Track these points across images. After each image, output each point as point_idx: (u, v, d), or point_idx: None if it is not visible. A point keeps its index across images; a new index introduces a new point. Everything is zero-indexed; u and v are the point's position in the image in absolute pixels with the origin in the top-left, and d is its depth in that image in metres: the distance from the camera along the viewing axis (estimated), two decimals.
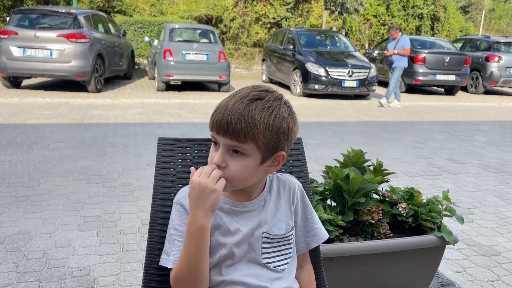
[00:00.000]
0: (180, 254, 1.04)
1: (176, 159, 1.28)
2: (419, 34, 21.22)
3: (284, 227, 1.15)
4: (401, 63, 9.53)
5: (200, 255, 1.01)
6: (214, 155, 1.04)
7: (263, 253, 1.12)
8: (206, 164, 1.06)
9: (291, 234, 1.17)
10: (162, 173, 1.25)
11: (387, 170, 2.26)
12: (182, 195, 1.12)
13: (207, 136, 1.30)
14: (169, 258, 1.07)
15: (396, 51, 9.42)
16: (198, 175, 1.00)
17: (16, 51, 8.44)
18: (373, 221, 2.01)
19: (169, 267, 1.07)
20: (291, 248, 1.17)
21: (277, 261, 1.13)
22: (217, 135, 1.03)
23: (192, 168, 1.04)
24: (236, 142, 1.01)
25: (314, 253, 1.30)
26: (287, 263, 1.15)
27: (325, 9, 17.67)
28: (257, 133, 1.00)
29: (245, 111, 1.00)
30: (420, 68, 11.76)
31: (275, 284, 1.11)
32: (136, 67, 14.26)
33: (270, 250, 1.13)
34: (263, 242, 1.12)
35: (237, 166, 1.03)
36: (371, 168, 2.25)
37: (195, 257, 1.01)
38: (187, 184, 1.16)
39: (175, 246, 1.07)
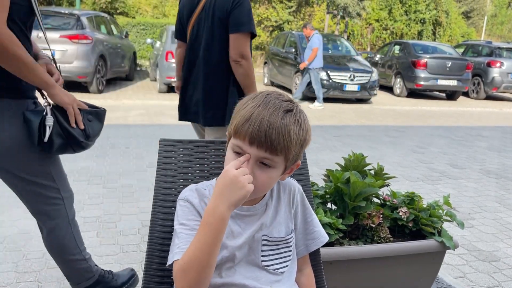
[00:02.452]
0: (190, 244, 0.98)
1: (178, 160, 1.28)
2: (421, 39, 21.26)
3: (284, 230, 1.15)
4: (314, 64, 9.25)
5: (213, 248, 0.96)
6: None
7: (262, 256, 1.12)
8: (209, 166, 1.06)
9: (291, 237, 1.16)
10: (164, 174, 1.25)
11: (388, 174, 2.26)
12: (189, 194, 1.10)
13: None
14: (174, 251, 1.02)
15: (307, 63, 9.18)
16: (234, 167, 0.97)
17: None
18: (373, 225, 2.01)
19: (175, 259, 1.00)
20: (290, 251, 1.16)
21: (276, 263, 1.13)
22: (248, 146, 0.99)
23: None
24: (269, 154, 0.99)
25: (314, 256, 1.30)
26: (286, 266, 1.15)
27: (327, 13, 17.72)
28: (291, 146, 1.00)
29: (282, 125, 0.99)
30: (421, 73, 11.77)
31: (275, 287, 1.11)
32: (138, 68, 14.29)
33: (270, 252, 1.13)
34: (263, 245, 1.12)
35: (264, 178, 1.02)
36: (372, 172, 2.25)
37: (208, 249, 0.96)
38: (188, 185, 1.16)
39: (181, 238, 1.02)
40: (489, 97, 13.17)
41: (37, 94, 1.72)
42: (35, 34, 7.64)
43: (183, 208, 1.08)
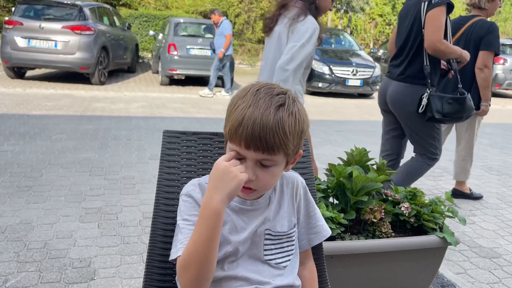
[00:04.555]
0: (189, 240, 0.99)
1: (181, 152, 1.27)
2: None
3: (287, 224, 1.14)
4: (226, 51, 9.02)
5: (210, 242, 0.95)
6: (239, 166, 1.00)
7: (265, 250, 1.11)
8: (212, 158, 1.05)
9: (294, 231, 1.16)
10: (167, 166, 1.25)
11: (390, 169, 2.25)
12: (192, 189, 1.09)
13: (210, 130, 1.30)
14: (177, 247, 1.02)
15: (223, 50, 8.89)
16: (225, 160, 0.98)
17: (20, 42, 8.44)
18: (375, 220, 2.00)
19: (179, 254, 1.00)
20: (293, 245, 1.16)
21: (278, 258, 1.13)
22: (245, 150, 0.98)
23: None
24: (268, 155, 0.98)
25: (317, 250, 1.29)
26: (288, 260, 1.14)
27: None
28: (288, 143, 0.98)
29: (275, 123, 0.96)
30: None
31: (277, 281, 1.11)
32: (140, 60, 14.26)
33: (272, 247, 1.12)
34: (266, 239, 1.11)
35: (267, 177, 1.01)
36: (374, 167, 2.24)
37: (204, 244, 0.95)
38: (192, 177, 1.16)
39: (184, 234, 1.02)
40: (492, 94, 13.10)
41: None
42: (37, 25, 7.84)
43: (186, 204, 1.07)
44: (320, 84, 10.11)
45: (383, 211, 2.03)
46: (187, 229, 1.03)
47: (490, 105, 3.67)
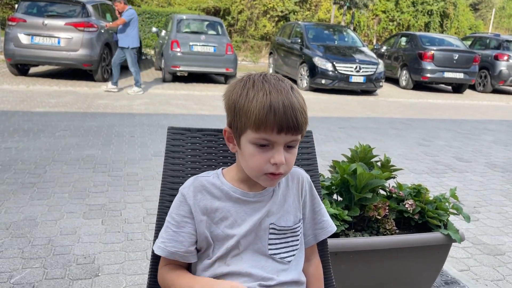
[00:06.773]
0: (177, 279, 1.08)
1: (186, 148, 1.27)
2: (428, 31, 21.07)
3: (292, 219, 1.14)
4: (124, 42, 8.09)
5: None
6: (267, 157, 1.02)
7: (269, 244, 1.11)
8: (217, 155, 1.05)
9: (299, 226, 1.16)
10: (171, 163, 1.24)
11: (394, 166, 2.25)
12: (187, 186, 1.11)
13: (213, 127, 1.29)
14: (158, 243, 1.11)
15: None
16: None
17: (24, 39, 8.45)
18: (379, 217, 2.00)
19: (157, 252, 1.10)
20: (298, 240, 1.16)
21: (283, 252, 1.13)
22: (276, 135, 0.99)
23: None
24: (296, 135, 1.02)
25: (322, 247, 1.30)
26: (293, 255, 1.14)
27: (334, 3, 17.56)
28: (308, 120, 1.04)
29: (298, 104, 1.01)
30: (428, 65, 11.67)
31: (281, 276, 1.11)
32: (143, 57, 14.25)
33: (277, 241, 1.12)
34: (270, 233, 1.11)
35: (292, 158, 1.06)
36: (379, 164, 2.24)
37: None
38: (196, 173, 1.16)
39: (167, 234, 1.10)
40: (495, 91, 13.06)
41: None
42: (40, 22, 7.96)
43: (177, 201, 1.11)
44: (323, 81, 10.09)
45: (387, 208, 2.03)
46: (171, 230, 1.10)
47: None
